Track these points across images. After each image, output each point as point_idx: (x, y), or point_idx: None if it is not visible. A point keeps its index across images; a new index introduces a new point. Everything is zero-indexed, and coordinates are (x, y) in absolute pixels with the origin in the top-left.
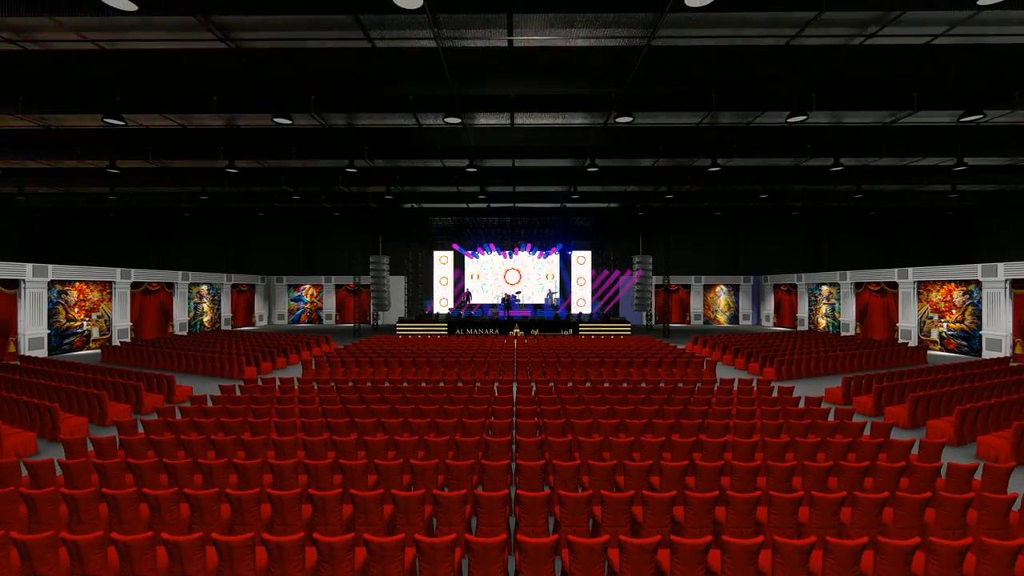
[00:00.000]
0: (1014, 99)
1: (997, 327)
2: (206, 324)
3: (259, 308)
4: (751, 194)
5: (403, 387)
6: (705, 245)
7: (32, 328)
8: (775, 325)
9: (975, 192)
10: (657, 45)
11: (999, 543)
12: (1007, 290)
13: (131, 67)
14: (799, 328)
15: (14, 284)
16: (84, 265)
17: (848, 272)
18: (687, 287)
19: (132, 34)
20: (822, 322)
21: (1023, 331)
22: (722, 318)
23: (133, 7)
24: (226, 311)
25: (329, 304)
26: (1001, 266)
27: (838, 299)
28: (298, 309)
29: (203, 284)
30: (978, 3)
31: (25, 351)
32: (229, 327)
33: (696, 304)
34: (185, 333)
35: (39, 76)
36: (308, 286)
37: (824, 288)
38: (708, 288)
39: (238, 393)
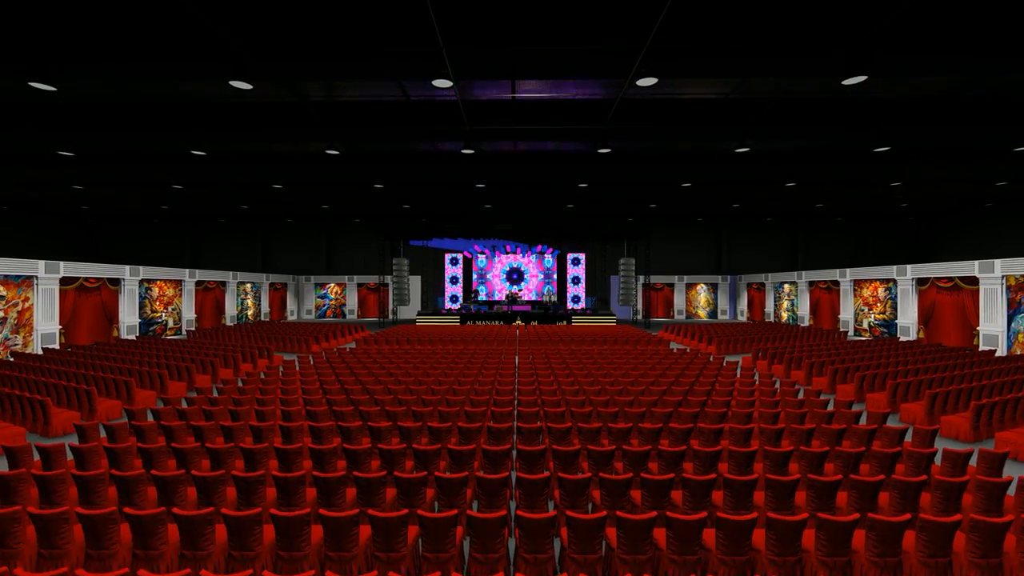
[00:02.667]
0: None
1: (907, 317)
2: (250, 317)
3: (290, 304)
4: (727, 202)
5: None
6: (691, 247)
7: (129, 317)
8: (748, 319)
9: (931, 199)
10: (626, 99)
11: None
12: (913, 287)
13: (219, 113)
14: (765, 320)
15: (116, 282)
16: (149, 266)
17: (804, 272)
18: (671, 285)
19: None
20: (784, 315)
21: (926, 320)
22: (702, 313)
23: (249, 86)
24: (265, 306)
25: (352, 300)
26: (909, 267)
27: (796, 295)
28: (324, 305)
29: (248, 283)
30: (843, 82)
31: (124, 335)
32: (267, 319)
33: (679, 301)
34: (235, 324)
35: (137, 117)
36: (333, 284)
37: (786, 286)
38: (690, 286)
39: (325, 359)
